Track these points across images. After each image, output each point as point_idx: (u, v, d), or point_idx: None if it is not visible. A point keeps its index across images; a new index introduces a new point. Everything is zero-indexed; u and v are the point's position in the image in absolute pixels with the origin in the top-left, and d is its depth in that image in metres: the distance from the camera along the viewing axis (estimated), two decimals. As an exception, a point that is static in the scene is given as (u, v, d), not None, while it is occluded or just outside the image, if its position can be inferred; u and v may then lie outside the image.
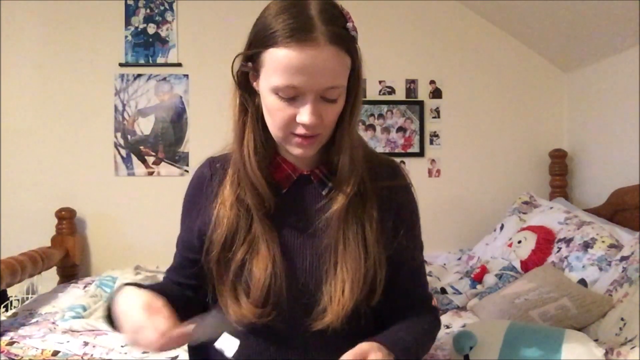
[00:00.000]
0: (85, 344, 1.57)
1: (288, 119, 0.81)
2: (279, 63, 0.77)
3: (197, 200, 0.96)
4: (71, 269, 2.57)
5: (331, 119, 0.83)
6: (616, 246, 1.83)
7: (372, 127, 2.82)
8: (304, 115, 0.79)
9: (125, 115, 2.74)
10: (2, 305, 2.17)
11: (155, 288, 0.89)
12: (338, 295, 0.85)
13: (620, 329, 1.41)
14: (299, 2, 0.79)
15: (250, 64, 0.83)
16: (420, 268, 1.00)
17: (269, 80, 0.80)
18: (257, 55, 0.81)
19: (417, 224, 0.99)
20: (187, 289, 0.99)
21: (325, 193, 0.91)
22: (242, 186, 0.89)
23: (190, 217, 0.97)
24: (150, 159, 2.75)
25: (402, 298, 0.96)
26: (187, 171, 2.74)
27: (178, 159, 2.76)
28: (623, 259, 1.70)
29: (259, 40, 0.80)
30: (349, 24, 0.81)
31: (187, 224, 0.98)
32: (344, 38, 0.79)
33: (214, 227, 0.90)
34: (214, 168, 0.96)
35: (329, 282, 0.87)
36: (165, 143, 2.76)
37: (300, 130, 0.82)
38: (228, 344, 0.79)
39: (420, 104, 2.84)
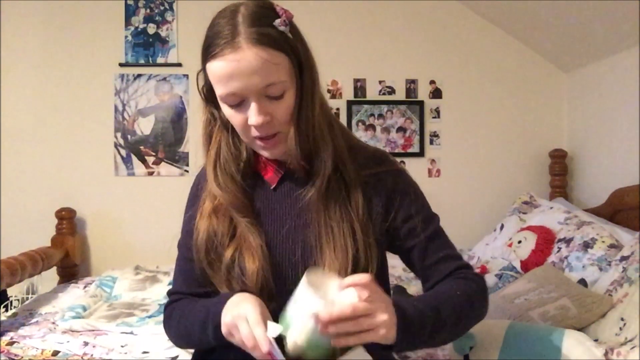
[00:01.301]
0: (85, 344, 1.57)
1: (243, 124, 0.85)
2: (214, 75, 0.82)
3: (193, 204, 0.98)
4: (71, 269, 2.57)
5: (283, 114, 0.85)
6: (616, 246, 1.83)
7: (372, 127, 2.82)
8: (251, 117, 0.83)
9: (125, 115, 2.74)
10: (2, 305, 2.17)
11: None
12: None
13: (620, 329, 1.41)
14: (231, 11, 0.84)
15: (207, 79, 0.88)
16: (435, 240, 0.94)
17: (216, 92, 0.85)
18: (205, 71, 0.86)
19: (415, 202, 0.96)
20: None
21: (301, 192, 0.92)
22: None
23: (189, 219, 0.99)
24: (150, 159, 2.75)
25: (433, 274, 0.93)
26: (187, 171, 2.74)
27: (178, 159, 2.76)
28: (623, 259, 1.70)
29: (203, 56, 0.86)
30: (277, 21, 0.82)
31: (187, 227, 0.99)
32: (269, 36, 0.81)
33: (196, 234, 0.93)
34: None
35: None
36: (165, 143, 2.76)
37: (255, 132, 0.85)
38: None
39: (420, 104, 2.84)
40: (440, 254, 0.93)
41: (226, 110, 0.86)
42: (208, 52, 0.83)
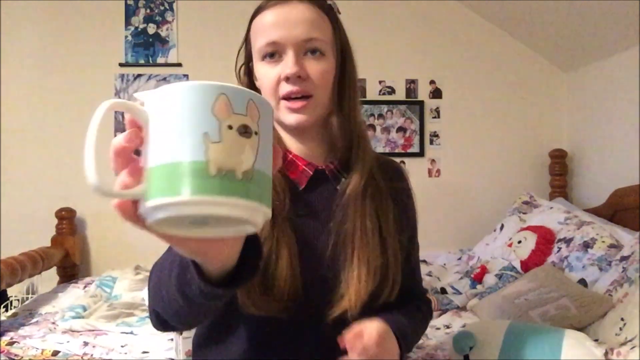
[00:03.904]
0: (85, 344, 1.57)
1: (276, 79, 0.84)
2: (259, 25, 0.85)
3: None
4: (71, 269, 2.57)
5: (319, 76, 0.84)
6: (616, 246, 1.83)
7: (372, 127, 2.82)
8: (286, 67, 0.82)
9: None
10: (2, 305, 2.17)
11: None
12: (355, 283, 0.85)
13: (620, 329, 1.41)
14: None
15: (248, 52, 0.90)
16: (417, 267, 1.05)
17: (256, 48, 0.86)
18: (249, 32, 0.89)
19: (415, 227, 1.03)
20: None
21: (339, 187, 0.90)
22: None
23: None
24: (150, 159, 2.75)
25: (401, 294, 0.95)
26: (187, 171, 2.73)
27: (178, 159, 2.75)
28: (623, 259, 1.70)
29: (250, 21, 0.89)
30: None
31: None
32: (320, 0, 0.86)
33: None
34: None
35: (346, 270, 0.86)
36: (165, 143, 2.75)
37: (286, 88, 0.83)
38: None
39: (420, 104, 2.84)
40: (414, 280, 1.03)
41: (261, 68, 0.86)
42: (257, 9, 0.86)
